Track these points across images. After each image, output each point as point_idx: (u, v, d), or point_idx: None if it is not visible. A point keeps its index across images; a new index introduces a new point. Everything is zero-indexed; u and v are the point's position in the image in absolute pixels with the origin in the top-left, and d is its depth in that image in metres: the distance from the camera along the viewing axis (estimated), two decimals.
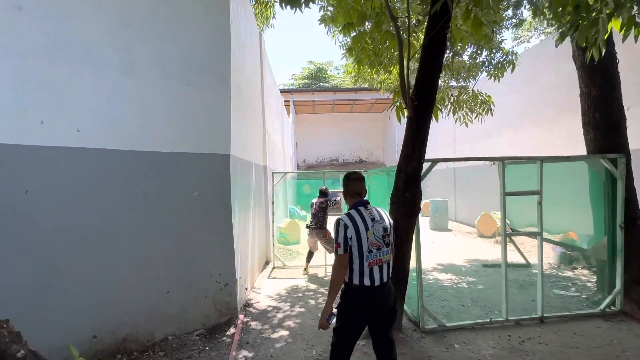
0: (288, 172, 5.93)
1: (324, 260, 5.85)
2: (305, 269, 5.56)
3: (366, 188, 2.26)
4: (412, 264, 3.36)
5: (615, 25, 2.55)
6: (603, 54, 2.85)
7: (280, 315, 3.91)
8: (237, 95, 4.07)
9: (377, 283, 2.01)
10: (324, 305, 2.06)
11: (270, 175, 6.14)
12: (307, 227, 5.53)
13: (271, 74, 7.78)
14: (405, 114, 3.34)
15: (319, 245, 5.58)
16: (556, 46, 3.84)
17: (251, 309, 4.08)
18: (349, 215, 2.06)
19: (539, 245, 3.63)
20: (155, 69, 3.21)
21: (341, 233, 2.00)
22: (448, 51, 5.56)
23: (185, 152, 3.35)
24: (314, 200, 5.56)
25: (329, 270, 5.33)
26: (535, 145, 7.63)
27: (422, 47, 3.08)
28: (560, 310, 3.85)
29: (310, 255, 5.63)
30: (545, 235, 6.18)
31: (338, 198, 5.94)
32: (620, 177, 3.63)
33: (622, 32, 2.39)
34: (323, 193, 5.62)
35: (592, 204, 4.03)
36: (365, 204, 2.13)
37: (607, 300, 3.71)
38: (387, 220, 2.14)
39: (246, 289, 4.35)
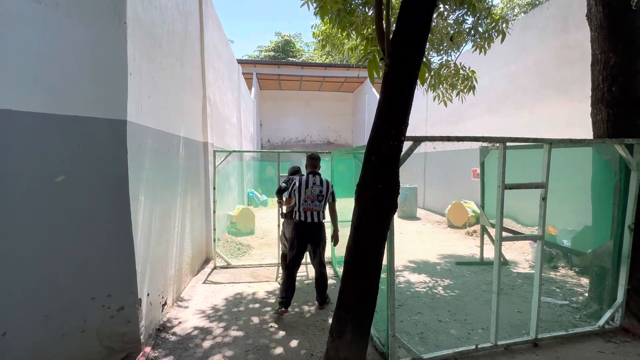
0: (234, 151, 4.75)
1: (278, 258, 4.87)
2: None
3: (320, 164, 3.56)
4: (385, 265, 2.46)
5: None
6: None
7: (207, 344, 2.89)
8: (146, 38, 2.82)
9: (308, 220, 3.37)
10: (268, 326, 3.08)
11: (212, 155, 4.94)
12: (284, 216, 3.97)
13: (219, 31, 6.37)
14: (382, 71, 2.34)
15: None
16: None
17: (168, 335, 3.02)
18: (301, 177, 3.50)
19: (538, 251, 2.88)
20: None
21: (293, 186, 3.47)
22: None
23: (35, 112, 2.11)
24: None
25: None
26: (518, 131, 7.03)
27: None
28: (551, 325, 3.24)
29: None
30: (519, 228, 5.66)
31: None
32: (635, 168, 2.94)
33: None
34: (297, 172, 4.14)
35: (594, 199, 3.35)
36: (315, 174, 3.48)
37: (607, 315, 3.11)
38: (326, 188, 3.44)
39: (164, 305, 3.26)
